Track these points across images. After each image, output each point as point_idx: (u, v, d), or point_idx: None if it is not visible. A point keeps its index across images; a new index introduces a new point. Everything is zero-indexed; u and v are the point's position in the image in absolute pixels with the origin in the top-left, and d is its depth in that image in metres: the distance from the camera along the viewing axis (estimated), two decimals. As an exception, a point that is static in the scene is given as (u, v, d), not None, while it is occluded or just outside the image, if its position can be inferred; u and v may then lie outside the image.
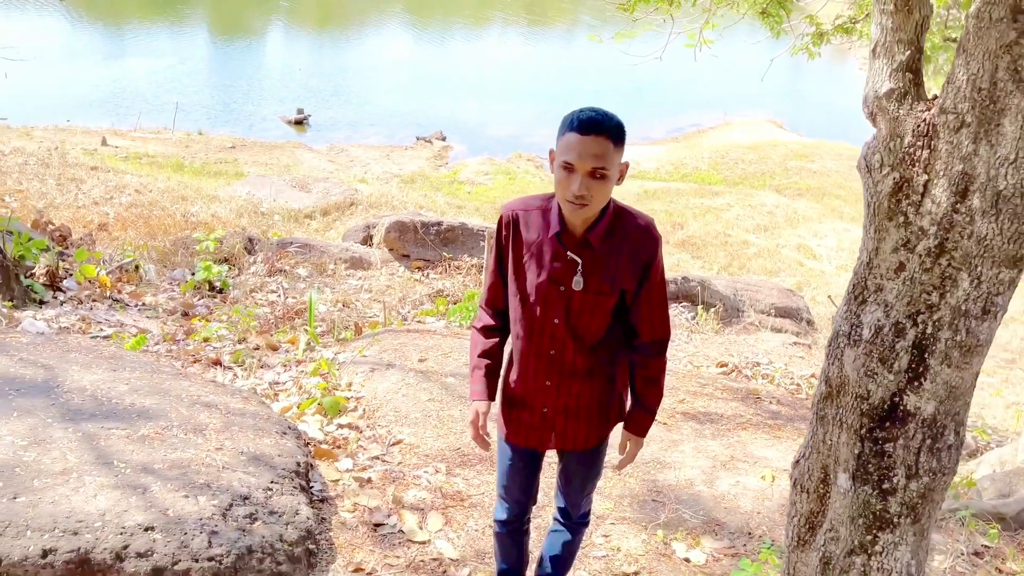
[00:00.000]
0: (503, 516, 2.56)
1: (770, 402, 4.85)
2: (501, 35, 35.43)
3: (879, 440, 2.01)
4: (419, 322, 6.76)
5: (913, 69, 1.87)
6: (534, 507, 2.60)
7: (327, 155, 18.54)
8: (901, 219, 1.88)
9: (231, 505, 2.80)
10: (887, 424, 1.99)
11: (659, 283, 2.25)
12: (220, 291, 7.53)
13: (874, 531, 2.07)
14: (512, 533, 2.60)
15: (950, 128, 1.77)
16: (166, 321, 6.18)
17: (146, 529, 2.56)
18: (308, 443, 3.68)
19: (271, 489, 2.99)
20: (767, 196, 16.06)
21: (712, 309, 7.80)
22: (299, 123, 21.49)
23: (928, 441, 1.95)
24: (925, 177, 1.83)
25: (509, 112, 23.06)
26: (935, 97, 1.84)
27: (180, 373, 3.89)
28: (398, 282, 8.45)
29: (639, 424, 2.40)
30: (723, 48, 6.45)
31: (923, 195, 1.84)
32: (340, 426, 3.92)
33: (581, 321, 2.23)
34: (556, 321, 2.23)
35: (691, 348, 6.35)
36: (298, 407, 4.06)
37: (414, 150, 19.66)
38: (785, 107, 25.06)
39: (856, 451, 2.04)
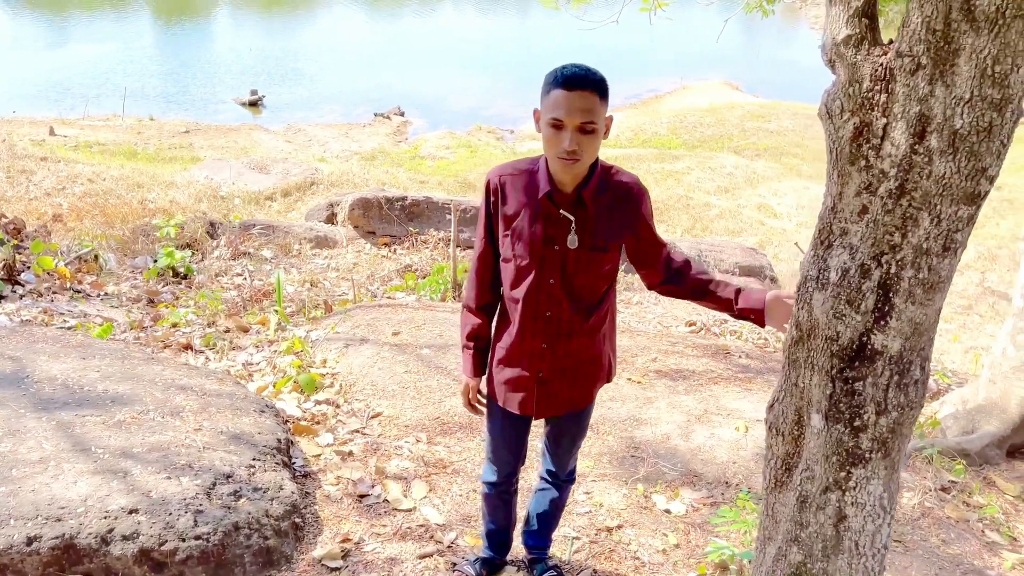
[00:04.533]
0: (492, 478, 2.60)
1: (740, 356, 4.94)
2: (454, 8, 35.06)
3: (849, 379, 2.06)
4: (389, 298, 6.75)
5: (869, 15, 1.91)
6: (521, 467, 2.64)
7: (284, 135, 18.28)
8: (862, 163, 1.92)
9: (214, 484, 2.80)
10: (856, 363, 2.05)
11: (652, 226, 2.33)
12: (184, 277, 7.44)
13: (847, 467, 2.13)
14: (501, 494, 2.64)
15: (906, 71, 1.81)
16: (131, 309, 6.10)
17: (130, 512, 2.56)
18: (287, 420, 3.68)
19: (253, 466, 2.99)
20: (726, 158, 16.18)
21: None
22: (254, 104, 21.13)
23: (896, 377, 2.01)
24: (884, 120, 1.87)
25: (466, 85, 22.90)
26: (891, 42, 1.88)
27: (152, 358, 3.85)
28: (365, 259, 8.42)
29: (753, 295, 2.26)
30: (677, 11, 6.46)
31: (883, 138, 1.88)
32: (318, 402, 3.92)
33: (577, 280, 2.26)
34: (552, 281, 2.26)
35: (659, 309, 6.43)
36: (274, 386, 4.05)
37: (372, 127, 19.45)
38: (740, 69, 25.18)
39: (828, 391, 2.10)
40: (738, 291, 2.26)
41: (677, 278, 2.33)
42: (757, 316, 2.25)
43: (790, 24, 30.97)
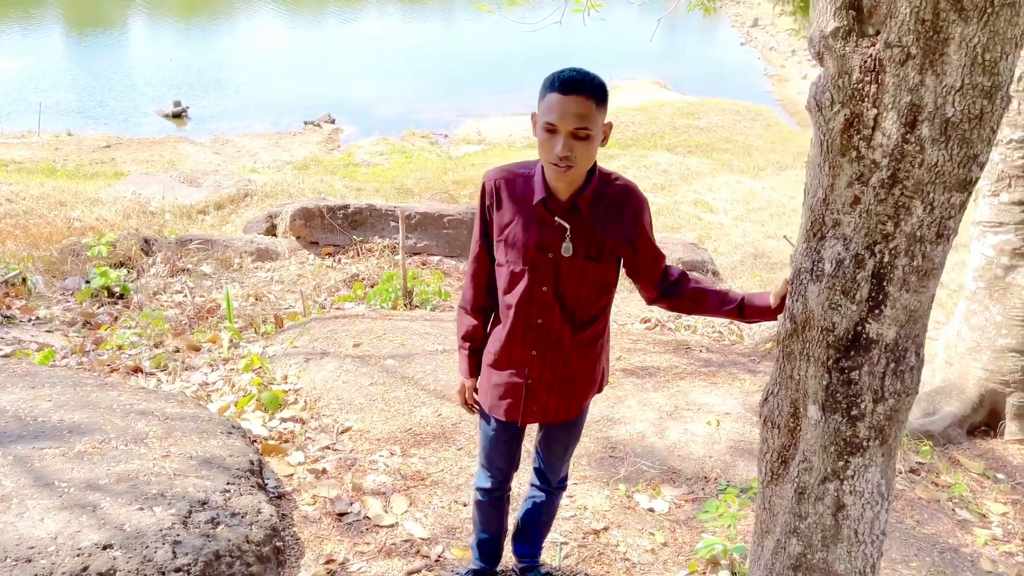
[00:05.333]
0: (486, 484, 2.55)
1: (700, 351, 4.99)
2: (378, 13, 34.74)
3: (845, 369, 2.08)
4: (338, 309, 6.62)
5: (855, 6, 1.92)
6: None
7: (212, 147, 17.79)
8: (854, 154, 1.94)
9: (190, 512, 2.68)
10: (851, 353, 2.07)
11: (652, 238, 2.27)
12: (121, 297, 7.15)
13: (845, 457, 2.15)
14: (494, 501, 2.60)
15: (896, 61, 1.83)
16: (67, 333, 5.83)
17: (104, 548, 2.42)
18: (254, 440, 3.55)
19: (228, 491, 2.87)
20: (660, 156, 16.40)
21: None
22: (177, 116, 20.51)
23: (892, 365, 2.04)
24: (875, 111, 1.89)
25: (397, 90, 22.69)
26: (877, 32, 1.90)
27: (105, 383, 3.67)
28: (309, 270, 8.23)
29: (758, 299, 2.26)
30: (605, 11, 6.51)
31: (874, 129, 1.89)
32: (283, 420, 3.80)
33: (570, 289, 2.21)
34: (544, 289, 2.21)
35: (613, 308, 6.45)
36: (236, 405, 3.90)
37: (303, 135, 19.09)
38: (667, 68, 25.60)
39: (824, 382, 2.11)
40: (742, 301, 2.24)
41: (676, 290, 2.30)
42: (769, 316, 2.25)
43: (711, 23, 31.64)
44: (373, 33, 30.60)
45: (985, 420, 4.16)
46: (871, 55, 1.88)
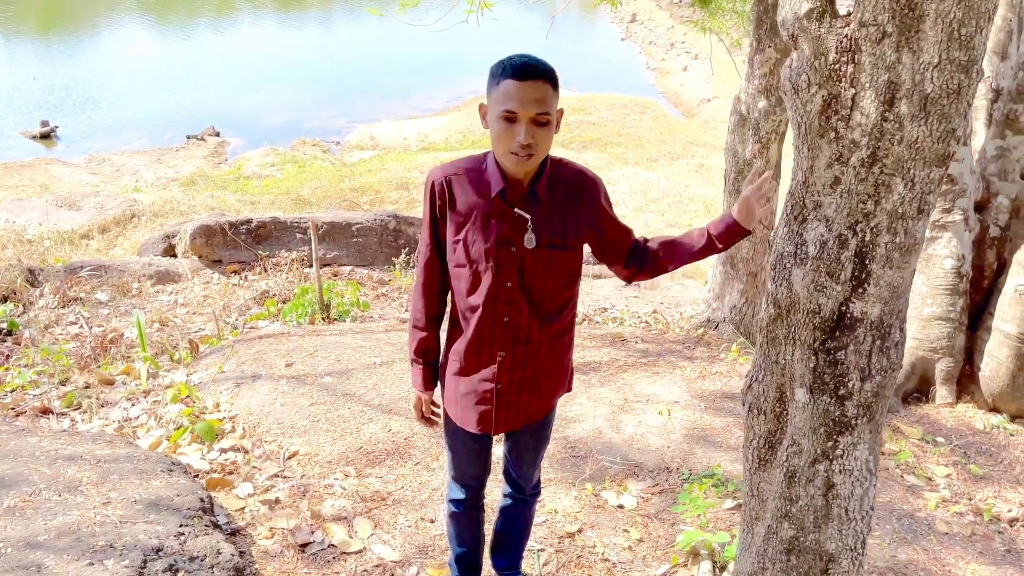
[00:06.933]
0: (460, 495, 2.45)
1: (636, 342, 5.01)
2: (253, 21, 33.66)
3: (831, 350, 2.09)
4: (252, 328, 6.33)
5: (827, -12, 1.93)
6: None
7: (88, 167, 16.78)
8: (832, 135, 1.94)
9: (145, 562, 2.45)
10: (837, 334, 2.08)
11: (613, 215, 2.23)
12: (10, 333, 6.61)
13: (834, 436, 2.16)
14: (470, 511, 2.50)
15: (872, 40, 1.84)
16: (-47, 377, 5.33)
17: (56, 612, 2.18)
18: (196, 475, 3.31)
19: (183, 533, 2.65)
20: (554, 152, 16.49)
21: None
22: (46, 137, 19.23)
23: (878, 342, 2.06)
24: (852, 91, 1.89)
25: (282, 99, 22.01)
26: (849, 13, 1.91)
27: (22, 430, 3.35)
28: (216, 290, 7.85)
29: (722, 224, 2.22)
30: (495, 11, 6.47)
31: (852, 108, 1.90)
32: (223, 451, 3.57)
33: (536, 283, 2.13)
34: (509, 285, 2.12)
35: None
36: (169, 440, 3.64)
37: (187, 150, 18.26)
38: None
39: (811, 365, 2.11)
40: (708, 232, 2.22)
41: (647, 256, 2.25)
42: (739, 231, 2.22)
43: (590, 19, 32.19)
44: (249, 42, 29.62)
45: (917, 387, 4.35)
46: (846, 35, 1.89)
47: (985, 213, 4.36)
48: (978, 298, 4.38)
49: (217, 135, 19.31)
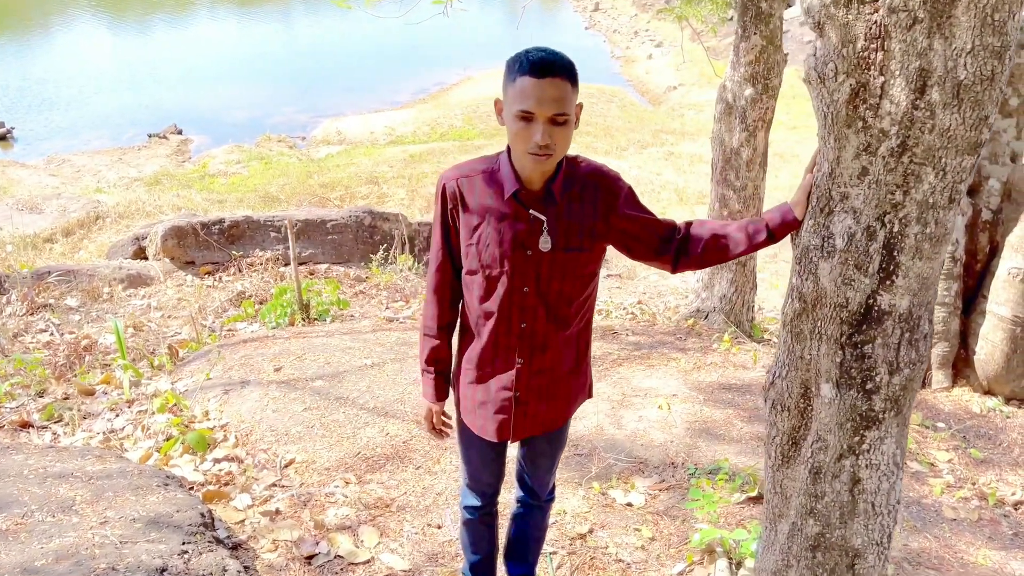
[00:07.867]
0: (475, 502, 2.38)
1: (628, 335, 4.97)
2: (210, 17, 33.02)
3: (858, 344, 2.04)
4: (230, 331, 6.18)
5: (854, -26, 1.88)
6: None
7: (47, 169, 16.34)
8: (860, 124, 1.89)
9: (150, 583, 2.35)
10: (864, 327, 2.03)
11: (640, 205, 2.09)
12: (-24, 343, 6.39)
13: (861, 431, 2.12)
14: (484, 517, 2.44)
15: (902, 27, 1.79)
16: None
17: (61, 642, 2.08)
18: (191, 488, 3.20)
19: (186, 551, 2.55)
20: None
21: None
22: (2, 139, 18.73)
23: (907, 335, 2.02)
24: (882, 79, 1.85)
25: (244, 95, 21.63)
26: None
27: (7, 446, 3.20)
28: (190, 292, 7.65)
29: (779, 216, 2.05)
30: (458, 3, 6.37)
31: (881, 97, 1.85)
32: (217, 461, 3.46)
33: (552, 287, 2.05)
34: (526, 290, 2.04)
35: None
36: (159, 452, 3.52)
37: (149, 148, 17.86)
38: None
39: (838, 359, 2.07)
40: (767, 225, 2.04)
41: (692, 246, 2.04)
42: (794, 223, 2.04)
43: (553, 9, 32.09)
44: (209, 38, 29.06)
45: (912, 372, 4.34)
46: (875, 21, 1.83)
47: (977, 197, 4.38)
48: (971, 282, 4.40)
49: (180, 133, 18.93)
